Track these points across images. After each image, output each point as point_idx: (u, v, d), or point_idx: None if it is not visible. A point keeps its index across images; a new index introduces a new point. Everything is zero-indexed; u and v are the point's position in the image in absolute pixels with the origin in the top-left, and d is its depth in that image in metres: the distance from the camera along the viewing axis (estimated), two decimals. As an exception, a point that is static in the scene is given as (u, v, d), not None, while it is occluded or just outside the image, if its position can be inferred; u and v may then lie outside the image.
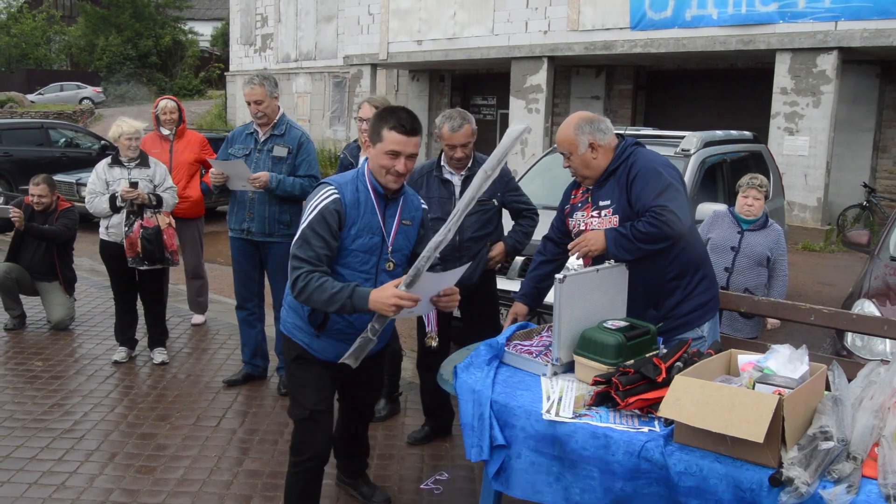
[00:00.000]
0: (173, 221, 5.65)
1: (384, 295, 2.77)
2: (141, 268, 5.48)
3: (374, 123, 2.97)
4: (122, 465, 4.09)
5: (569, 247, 3.32)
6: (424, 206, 3.29)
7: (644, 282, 3.24)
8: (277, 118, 5.00)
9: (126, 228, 5.42)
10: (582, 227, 3.39)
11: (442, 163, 4.31)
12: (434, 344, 4.12)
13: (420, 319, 4.18)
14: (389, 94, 21.72)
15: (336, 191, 2.99)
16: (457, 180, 4.27)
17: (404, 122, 2.93)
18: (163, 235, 5.46)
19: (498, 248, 4.38)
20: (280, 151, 4.95)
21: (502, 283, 5.20)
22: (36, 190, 6.44)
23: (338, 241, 2.97)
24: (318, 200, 2.97)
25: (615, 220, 3.24)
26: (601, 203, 3.33)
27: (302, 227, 2.96)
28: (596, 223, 3.31)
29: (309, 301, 2.90)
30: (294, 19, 26.02)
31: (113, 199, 5.43)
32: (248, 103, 4.92)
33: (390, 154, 2.93)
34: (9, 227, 6.49)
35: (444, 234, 2.75)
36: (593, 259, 3.23)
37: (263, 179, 4.79)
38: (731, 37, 13.13)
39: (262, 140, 4.99)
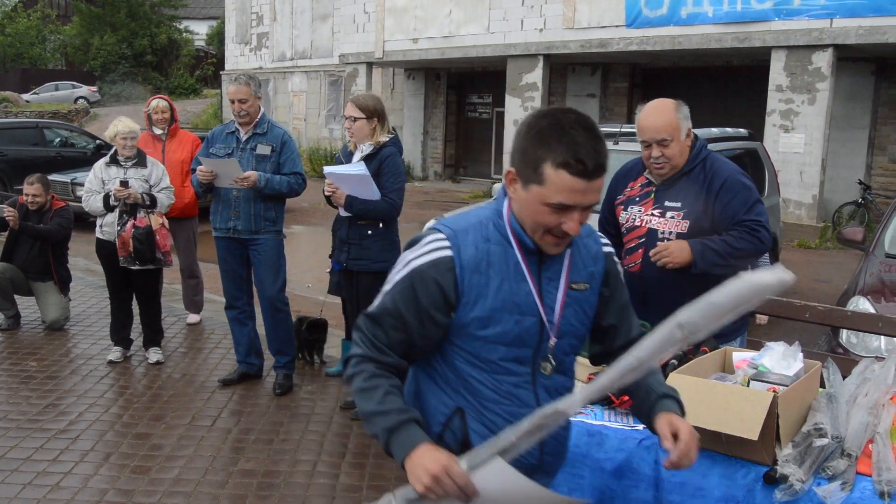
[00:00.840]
0: (166, 222, 5.63)
1: (430, 458, 1.65)
2: (132, 267, 5.46)
3: (529, 145, 1.72)
4: (117, 465, 4.08)
5: (651, 254, 3.13)
6: (607, 245, 1.99)
7: (697, 293, 3.16)
8: (259, 117, 5.01)
9: (119, 228, 5.41)
10: (637, 223, 3.23)
11: None
12: None
13: None
14: (385, 92, 21.70)
15: (447, 244, 1.78)
16: None
17: (584, 154, 1.66)
18: (155, 236, 5.44)
19: None
20: (263, 150, 4.94)
21: None
22: (30, 189, 6.43)
23: (438, 325, 1.80)
24: (415, 255, 1.81)
25: (684, 224, 3.11)
26: (668, 203, 3.16)
27: (384, 288, 1.85)
28: (655, 222, 3.17)
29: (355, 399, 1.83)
30: (289, 18, 25.98)
31: (107, 198, 5.42)
32: (232, 101, 4.91)
33: (556, 208, 1.71)
34: (3, 227, 6.47)
35: (553, 418, 1.63)
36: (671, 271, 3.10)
37: (252, 179, 4.79)
38: (727, 34, 13.14)
39: (244, 139, 4.98)
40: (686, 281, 3.09)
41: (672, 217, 3.14)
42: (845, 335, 4.57)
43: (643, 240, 3.21)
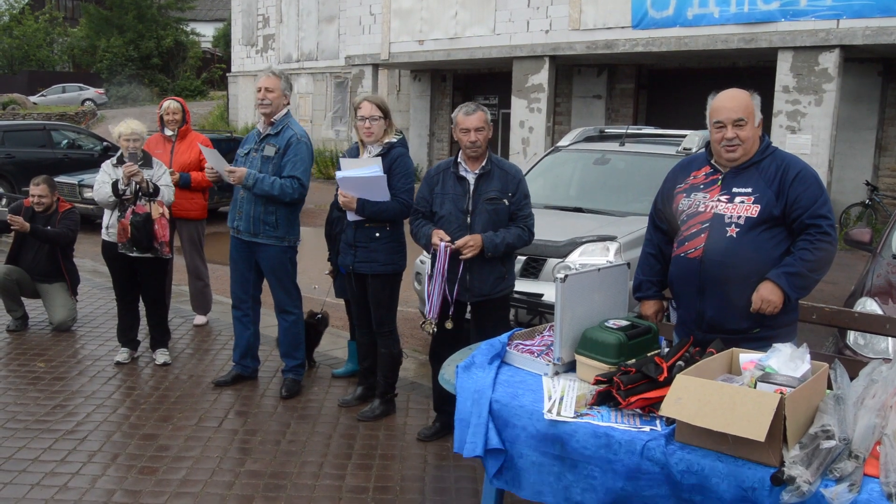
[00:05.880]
0: (167, 212, 5.60)
1: None
2: (131, 254, 5.45)
3: None
4: (124, 465, 4.09)
5: (752, 310, 3.10)
6: None
7: (754, 288, 3.13)
8: (278, 117, 4.98)
9: (119, 214, 5.43)
10: (701, 209, 3.20)
11: (459, 159, 4.32)
12: (430, 330, 4.23)
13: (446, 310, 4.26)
14: (391, 94, 21.72)
15: None
16: (471, 178, 4.26)
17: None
18: (154, 224, 5.42)
19: (477, 241, 4.14)
20: (269, 151, 4.92)
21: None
22: (36, 190, 6.45)
23: None
24: None
25: (755, 209, 3.09)
26: (736, 189, 3.16)
27: None
28: (722, 207, 3.15)
29: None
30: (295, 20, 26.03)
31: (115, 184, 5.41)
32: (258, 90, 4.89)
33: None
34: (6, 229, 6.50)
35: None
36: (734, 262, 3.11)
37: (238, 175, 4.78)
38: (733, 35, 13.11)
39: (260, 139, 4.99)
40: (748, 275, 3.08)
41: (742, 202, 3.12)
42: (853, 337, 4.56)
43: (706, 224, 3.18)
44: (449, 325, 4.26)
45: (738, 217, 3.11)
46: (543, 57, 15.71)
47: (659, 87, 17.46)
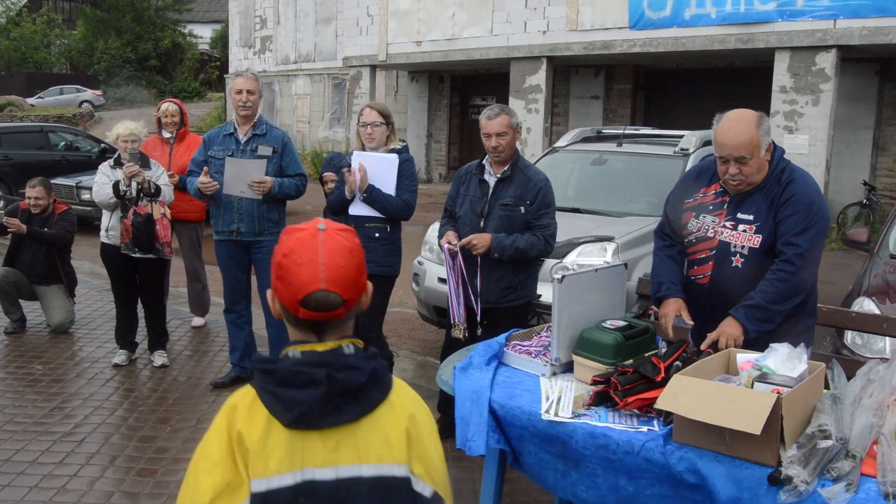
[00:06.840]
0: (168, 212, 5.60)
1: None
2: (133, 255, 5.45)
3: None
4: (122, 467, 4.09)
5: (720, 346, 2.91)
6: None
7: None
8: (257, 118, 5.02)
9: (121, 215, 5.42)
10: (710, 234, 3.10)
11: (484, 162, 4.29)
12: (461, 335, 4.16)
13: (445, 310, 4.24)
14: (389, 95, 21.71)
15: None
16: (492, 181, 4.22)
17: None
18: (155, 225, 5.42)
19: (483, 239, 4.06)
20: (265, 151, 4.94)
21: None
22: (32, 192, 6.45)
23: None
24: None
25: (757, 239, 3.00)
26: (741, 216, 3.05)
27: None
28: (728, 234, 3.07)
29: None
30: (293, 21, 26.02)
31: (116, 185, 5.40)
32: (239, 92, 4.89)
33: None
34: (4, 231, 6.50)
35: None
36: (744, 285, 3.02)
37: (268, 185, 4.80)
38: (730, 35, 13.13)
39: (244, 140, 4.98)
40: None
41: (745, 230, 3.04)
42: (850, 336, 4.57)
43: (713, 252, 3.11)
44: (479, 332, 4.14)
45: (742, 247, 3.04)
46: (541, 58, 15.72)
47: (656, 87, 17.48)
